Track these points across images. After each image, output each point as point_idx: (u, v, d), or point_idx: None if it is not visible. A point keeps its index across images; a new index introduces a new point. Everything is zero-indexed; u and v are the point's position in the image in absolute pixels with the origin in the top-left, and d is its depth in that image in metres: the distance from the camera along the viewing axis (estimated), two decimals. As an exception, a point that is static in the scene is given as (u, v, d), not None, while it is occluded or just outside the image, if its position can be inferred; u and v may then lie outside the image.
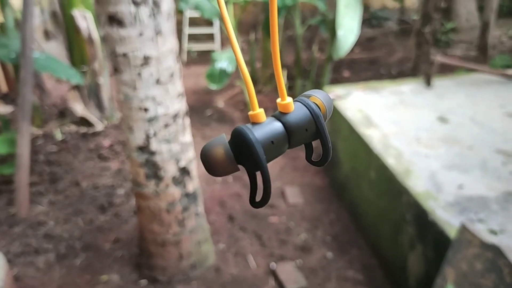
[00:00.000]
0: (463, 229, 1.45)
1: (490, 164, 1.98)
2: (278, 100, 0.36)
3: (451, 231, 1.55)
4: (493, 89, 2.84)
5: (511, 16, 5.70)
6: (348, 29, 2.88)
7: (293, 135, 0.35)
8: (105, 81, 3.51)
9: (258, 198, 0.37)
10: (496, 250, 1.31)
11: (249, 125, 0.35)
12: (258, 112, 0.35)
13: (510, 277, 1.25)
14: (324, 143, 0.36)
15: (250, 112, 0.35)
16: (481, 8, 4.91)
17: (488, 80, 2.98)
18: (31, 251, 2.25)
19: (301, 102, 0.36)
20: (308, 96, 0.38)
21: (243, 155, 0.33)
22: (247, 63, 4.37)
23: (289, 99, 0.36)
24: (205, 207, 2.18)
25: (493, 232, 1.54)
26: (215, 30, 5.37)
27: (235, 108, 4.00)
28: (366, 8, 6.00)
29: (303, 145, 0.39)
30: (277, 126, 0.35)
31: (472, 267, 1.38)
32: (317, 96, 0.38)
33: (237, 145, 0.34)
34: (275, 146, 0.34)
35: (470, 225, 1.46)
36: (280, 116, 0.36)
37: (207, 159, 0.35)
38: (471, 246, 1.39)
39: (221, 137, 0.35)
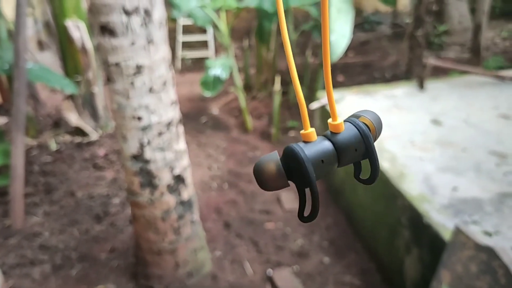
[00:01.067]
0: (458, 231, 1.45)
1: (484, 166, 1.99)
2: (329, 120, 0.37)
3: (446, 234, 1.55)
4: (486, 91, 2.86)
5: (503, 18, 5.76)
6: (340, 34, 2.90)
7: (342, 155, 0.37)
8: (99, 91, 3.51)
9: (306, 213, 0.38)
10: (490, 252, 1.31)
11: (300, 144, 0.37)
12: (310, 131, 0.36)
13: (505, 278, 1.25)
14: (373, 162, 0.37)
15: (302, 131, 0.37)
16: (473, 10, 4.95)
17: (481, 82, 3.00)
18: (26, 263, 2.24)
19: (351, 123, 0.37)
20: (358, 116, 0.39)
21: (294, 172, 0.35)
22: (241, 69, 4.39)
23: (340, 120, 0.37)
24: (201, 214, 2.17)
25: (488, 234, 1.54)
26: (209, 37, 5.39)
27: (230, 115, 4.00)
28: (359, 12, 6.04)
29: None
30: (327, 145, 0.36)
31: (467, 269, 1.38)
32: (366, 116, 0.39)
33: (288, 162, 0.35)
34: (325, 165, 0.36)
35: (465, 227, 1.46)
36: (330, 135, 0.37)
37: (259, 174, 0.36)
38: (466, 248, 1.40)
39: (274, 154, 0.37)
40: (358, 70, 4.79)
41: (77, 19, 3.30)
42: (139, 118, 1.69)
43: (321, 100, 2.91)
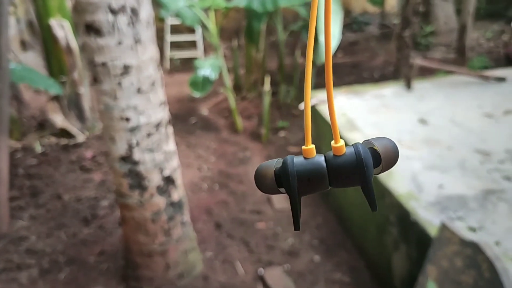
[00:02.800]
0: (443, 227, 1.47)
1: (468, 164, 2.03)
2: (332, 143, 0.37)
3: (433, 230, 1.57)
4: (471, 91, 2.91)
5: (488, 19, 5.85)
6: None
7: (334, 178, 0.37)
8: (85, 91, 3.47)
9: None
10: (475, 247, 1.34)
11: (297, 158, 0.38)
12: (309, 148, 0.38)
13: (489, 272, 1.27)
14: (366, 194, 0.37)
15: (303, 147, 0.38)
16: (458, 11, 5.03)
17: (466, 81, 3.05)
18: (13, 267, 2.20)
19: (355, 149, 0.37)
20: (370, 144, 0.38)
21: (283, 182, 0.37)
22: (230, 69, 4.39)
23: (341, 143, 0.37)
24: (191, 215, 2.16)
25: (472, 229, 1.57)
26: (198, 37, 5.37)
27: (219, 116, 4.00)
28: (347, 13, 6.09)
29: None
30: (320, 165, 0.37)
31: (452, 264, 1.40)
32: (377, 144, 0.38)
33: (280, 173, 0.38)
34: (310, 183, 0.37)
35: (450, 223, 1.48)
36: (329, 157, 0.38)
37: (257, 177, 0.39)
38: (451, 243, 1.42)
39: (275, 161, 0.39)
40: (347, 70, 4.82)
41: (61, 18, 3.26)
42: (127, 119, 1.67)
43: (312, 100, 2.92)
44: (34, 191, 2.82)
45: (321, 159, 0.38)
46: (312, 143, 0.39)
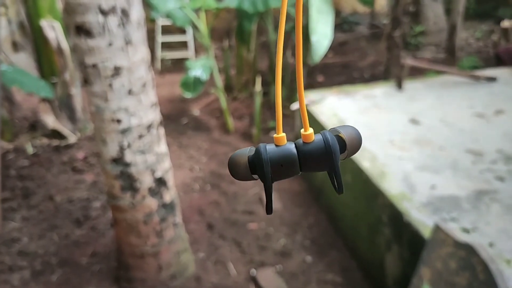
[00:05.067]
0: (437, 229, 1.48)
1: (460, 164, 2.04)
2: (302, 131, 0.40)
3: (426, 231, 1.59)
4: (461, 91, 2.94)
5: (477, 18, 5.92)
6: (322, 34, 2.92)
7: (304, 164, 0.40)
8: (76, 92, 3.44)
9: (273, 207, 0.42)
10: (469, 249, 1.35)
11: (269, 145, 0.40)
12: (280, 136, 0.40)
13: (484, 274, 1.28)
14: (334, 177, 0.40)
15: (275, 135, 0.40)
16: (448, 11, 5.07)
17: (457, 81, 3.08)
18: (5, 269, 2.18)
19: (323, 136, 0.39)
20: (336, 131, 0.41)
21: (257, 169, 0.40)
22: (221, 70, 4.38)
23: (310, 131, 0.40)
24: (183, 216, 2.16)
25: (466, 231, 1.58)
26: (189, 37, 5.35)
27: (211, 116, 3.99)
28: (337, 13, 6.11)
29: None
30: (291, 152, 0.39)
31: (446, 266, 1.41)
32: (343, 133, 0.41)
33: (254, 160, 0.40)
34: (283, 169, 0.39)
35: (444, 224, 1.50)
36: (299, 144, 0.40)
37: (230, 164, 0.41)
38: (445, 245, 1.43)
39: (248, 149, 0.41)
40: (337, 71, 4.84)
41: (52, 19, 3.22)
42: (119, 121, 1.66)
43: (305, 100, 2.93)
44: (26, 193, 2.79)
45: (291, 146, 0.40)
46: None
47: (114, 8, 1.52)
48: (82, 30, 1.53)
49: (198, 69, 3.38)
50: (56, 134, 3.41)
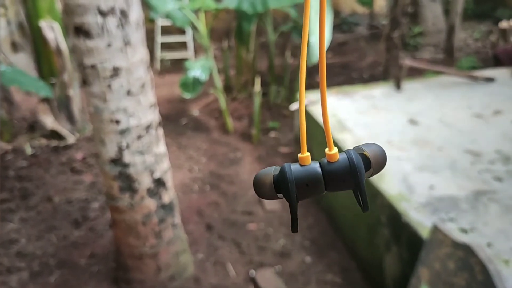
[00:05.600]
0: (435, 229, 1.48)
1: (459, 164, 2.05)
2: (326, 150, 0.40)
3: (424, 232, 1.59)
4: (460, 91, 2.94)
5: (475, 19, 5.93)
6: (318, 35, 2.93)
7: (329, 183, 0.40)
8: (75, 93, 3.44)
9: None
10: (467, 249, 1.35)
11: (294, 165, 0.40)
12: (305, 156, 0.40)
13: (482, 275, 1.28)
14: (359, 197, 0.40)
15: (299, 155, 0.40)
16: (446, 12, 5.08)
17: (455, 82, 3.08)
18: (3, 270, 2.17)
19: (347, 155, 0.40)
20: (360, 149, 0.41)
21: (282, 188, 0.40)
22: (220, 70, 4.38)
23: (335, 150, 0.40)
24: (182, 217, 2.16)
25: (464, 231, 1.58)
26: (188, 38, 5.35)
27: (210, 116, 3.99)
28: (336, 13, 6.11)
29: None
30: (317, 172, 0.40)
31: (445, 266, 1.41)
32: (367, 150, 0.41)
33: (279, 179, 0.40)
34: (309, 188, 0.40)
35: (442, 225, 1.50)
36: (323, 163, 0.40)
37: (255, 184, 0.42)
38: (443, 245, 1.43)
39: (273, 169, 0.42)
40: (336, 71, 4.84)
41: (51, 20, 3.22)
42: (117, 122, 1.66)
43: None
44: (24, 193, 2.79)
45: (316, 165, 0.40)
46: (299, 142, 0.40)
47: (113, 9, 1.52)
48: (81, 31, 1.53)
49: (198, 69, 3.38)
50: (54, 135, 3.40)
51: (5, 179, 2.91)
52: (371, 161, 0.40)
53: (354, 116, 2.61)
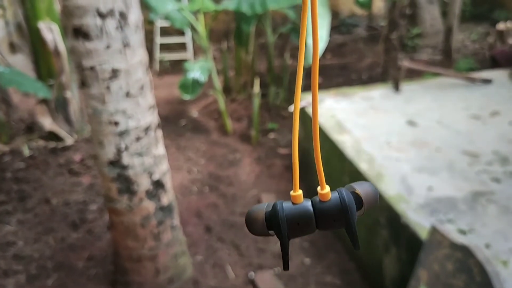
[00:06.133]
0: (434, 230, 1.48)
1: (457, 165, 2.05)
2: (318, 189, 0.40)
3: (423, 233, 1.59)
4: (458, 92, 2.95)
5: (473, 21, 5.94)
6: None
7: (321, 222, 0.40)
8: (73, 94, 3.43)
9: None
10: (465, 250, 1.35)
11: (286, 203, 0.41)
12: (297, 194, 0.40)
13: (480, 276, 1.29)
14: (350, 235, 0.40)
15: (292, 193, 0.40)
16: (444, 14, 5.09)
17: (453, 83, 3.09)
18: (0, 273, 2.16)
19: (339, 194, 0.40)
20: (353, 188, 0.41)
21: (273, 226, 0.40)
22: (219, 71, 4.38)
23: (327, 189, 0.40)
24: (181, 218, 2.15)
25: (462, 232, 1.59)
26: (187, 39, 5.35)
27: (209, 117, 3.99)
28: (335, 15, 6.12)
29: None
30: (308, 211, 0.40)
31: (443, 267, 1.41)
32: (359, 189, 0.41)
33: (271, 217, 0.40)
34: (300, 227, 0.40)
35: (440, 226, 1.50)
36: (315, 202, 0.40)
37: (247, 220, 0.42)
38: (442, 247, 1.43)
39: (266, 205, 0.42)
40: (335, 72, 4.85)
41: (50, 21, 3.22)
42: (116, 123, 1.66)
43: (301, 102, 2.93)
44: (22, 195, 2.78)
45: (308, 204, 0.40)
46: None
47: (112, 11, 1.52)
48: (80, 33, 1.52)
49: (197, 71, 3.37)
50: (52, 136, 3.40)
51: (2, 181, 2.90)
52: (363, 200, 0.40)
53: (352, 117, 2.62)
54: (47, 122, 3.36)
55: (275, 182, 2.93)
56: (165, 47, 5.40)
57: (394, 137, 2.36)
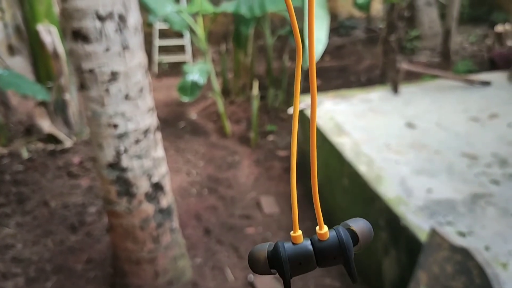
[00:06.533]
0: (433, 233, 1.48)
1: (456, 168, 2.05)
2: (317, 229, 0.43)
3: (422, 235, 1.59)
4: (456, 95, 2.95)
5: (471, 23, 5.96)
6: (316, 39, 2.93)
7: (321, 260, 0.43)
8: (72, 96, 3.43)
9: None
10: (465, 253, 1.35)
11: (287, 243, 0.43)
12: (297, 235, 0.43)
13: (480, 278, 1.29)
14: (348, 271, 0.42)
15: (292, 233, 0.43)
16: (443, 16, 5.11)
17: (452, 85, 3.10)
18: (-2, 276, 2.16)
19: (336, 233, 0.43)
20: (347, 226, 0.44)
21: (276, 265, 0.43)
22: (218, 74, 4.38)
23: (325, 229, 0.42)
24: (180, 221, 2.15)
25: (461, 234, 1.59)
26: (186, 41, 5.35)
27: (208, 120, 3.99)
28: (334, 17, 6.14)
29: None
30: (308, 250, 0.43)
31: (443, 270, 1.41)
32: (354, 226, 0.44)
33: (273, 257, 0.43)
34: (301, 266, 0.42)
35: (440, 228, 1.50)
36: (315, 241, 0.43)
37: (250, 259, 0.44)
38: (442, 249, 1.43)
39: (267, 245, 0.44)
40: (334, 74, 4.86)
41: (49, 24, 3.22)
42: (115, 126, 1.66)
43: (300, 104, 2.93)
44: (20, 198, 2.77)
45: (308, 243, 0.43)
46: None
47: (111, 14, 1.52)
48: (79, 36, 1.52)
49: (196, 73, 3.38)
50: (51, 139, 3.39)
51: (1, 184, 2.89)
52: (358, 237, 0.43)
53: (351, 120, 2.62)
54: (45, 125, 3.35)
55: (274, 184, 2.93)
56: (163, 49, 5.40)
57: (393, 139, 2.36)
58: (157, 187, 1.84)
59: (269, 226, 2.52)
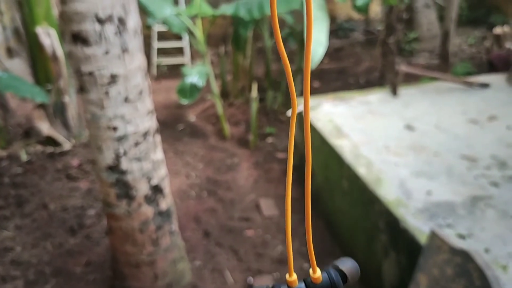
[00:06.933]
0: (433, 235, 1.48)
1: (455, 170, 2.06)
2: (310, 272, 0.46)
3: (422, 238, 1.59)
4: (455, 97, 2.96)
5: (470, 25, 5.98)
6: (317, 42, 2.94)
7: None
8: (71, 99, 3.42)
9: None
10: (464, 255, 1.35)
11: (283, 286, 0.46)
12: (293, 279, 0.46)
13: (480, 280, 1.29)
14: None
15: (287, 278, 0.46)
16: (441, 18, 5.12)
17: (451, 87, 3.10)
18: (-4, 280, 2.15)
19: (328, 276, 0.47)
20: (336, 266, 0.48)
21: None
22: (217, 76, 4.38)
23: (318, 273, 0.46)
24: (179, 223, 2.14)
25: (461, 237, 1.59)
26: (185, 43, 5.35)
27: (207, 122, 3.98)
28: (333, 19, 6.15)
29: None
30: None
31: (443, 272, 1.41)
32: (343, 267, 0.48)
33: None
34: None
35: (439, 231, 1.50)
36: (309, 284, 0.47)
37: None
38: (441, 251, 1.43)
39: (265, 287, 0.47)
40: (333, 76, 4.86)
41: (48, 26, 3.21)
42: (115, 129, 1.66)
43: (299, 107, 2.93)
44: (19, 201, 2.76)
45: (302, 286, 0.46)
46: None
47: (111, 17, 1.52)
48: (79, 38, 1.52)
49: (194, 75, 3.38)
50: (50, 141, 3.38)
51: (0, 186, 2.88)
52: (347, 276, 0.47)
53: (350, 122, 2.62)
54: (44, 127, 3.35)
55: (273, 187, 2.93)
56: (162, 52, 5.40)
57: (392, 141, 2.37)
58: (157, 189, 1.84)
59: (268, 228, 2.52)
